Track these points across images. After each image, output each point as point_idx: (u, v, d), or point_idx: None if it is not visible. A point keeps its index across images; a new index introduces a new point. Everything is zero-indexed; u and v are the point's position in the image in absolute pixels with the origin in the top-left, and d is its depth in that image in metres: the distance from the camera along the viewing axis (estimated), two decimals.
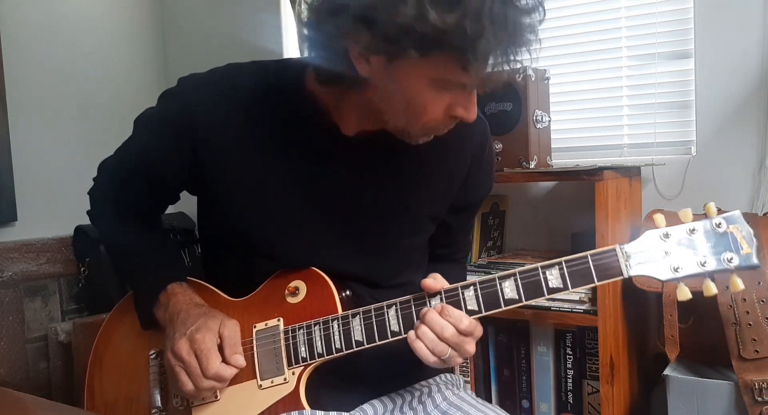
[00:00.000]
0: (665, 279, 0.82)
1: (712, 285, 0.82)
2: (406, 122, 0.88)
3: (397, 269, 1.06)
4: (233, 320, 0.96)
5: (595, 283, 0.84)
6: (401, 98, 0.84)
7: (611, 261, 0.84)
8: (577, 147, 1.81)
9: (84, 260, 1.96)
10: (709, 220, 0.82)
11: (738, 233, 0.81)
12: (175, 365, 0.92)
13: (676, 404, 1.34)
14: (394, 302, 0.91)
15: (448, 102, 0.85)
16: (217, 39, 2.32)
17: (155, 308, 1.01)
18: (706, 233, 0.82)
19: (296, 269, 0.99)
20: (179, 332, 0.93)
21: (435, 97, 0.84)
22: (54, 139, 2.04)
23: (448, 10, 0.73)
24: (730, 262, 0.80)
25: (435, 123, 0.87)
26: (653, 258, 0.83)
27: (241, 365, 0.93)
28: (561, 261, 0.86)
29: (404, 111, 0.86)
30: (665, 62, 1.69)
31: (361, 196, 0.99)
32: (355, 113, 0.93)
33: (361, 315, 0.92)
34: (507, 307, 0.87)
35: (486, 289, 0.88)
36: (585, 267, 0.84)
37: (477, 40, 0.74)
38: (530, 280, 0.86)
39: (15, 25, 1.94)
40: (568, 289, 0.85)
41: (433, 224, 1.08)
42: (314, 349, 0.93)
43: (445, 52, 0.76)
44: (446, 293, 0.90)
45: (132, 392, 1.06)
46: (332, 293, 0.96)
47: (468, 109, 0.86)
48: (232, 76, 0.98)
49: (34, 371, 1.84)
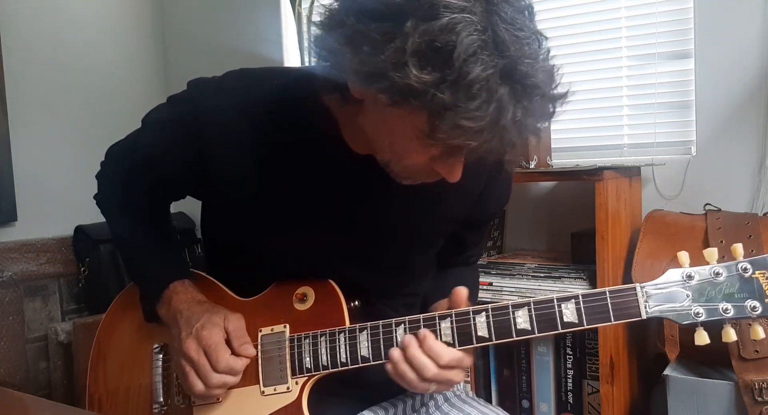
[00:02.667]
0: (685, 324, 0.80)
1: (732, 332, 0.80)
2: (389, 158, 0.81)
3: (406, 280, 1.04)
4: (237, 314, 0.96)
5: (612, 322, 0.81)
6: (386, 134, 0.79)
7: (630, 301, 0.81)
8: (577, 147, 1.81)
9: (84, 260, 1.97)
10: (735, 263, 0.79)
11: (764, 280, 0.78)
12: (185, 366, 0.91)
13: (676, 404, 1.34)
14: (402, 320, 0.89)
15: (432, 154, 0.76)
16: (217, 40, 2.31)
17: (157, 305, 1.01)
18: (731, 277, 0.79)
19: (305, 275, 0.98)
20: (185, 332, 0.93)
21: (417, 147, 0.75)
22: (54, 139, 2.04)
23: (430, 68, 0.66)
24: (753, 310, 0.78)
25: (417, 170, 0.80)
26: (673, 300, 0.80)
27: (251, 354, 0.93)
28: (578, 295, 0.82)
29: (388, 147, 0.80)
30: (665, 62, 1.69)
31: (369, 211, 0.95)
32: (360, 133, 0.86)
33: (369, 331, 0.90)
34: (518, 337, 0.84)
35: (498, 317, 0.85)
36: (602, 304, 0.81)
37: (446, 110, 0.66)
38: (544, 312, 0.83)
39: (15, 25, 1.94)
40: (584, 325, 0.82)
41: (444, 239, 1.05)
42: (319, 360, 0.92)
43: (415, 109, 0.69)
44: (456, 316, 0.86)
45: (134, 385, 1.05)
46: (340, 302, 0.95)
47: (450, 171, 0.79)
48: (244, 86, 0.95)
49: (34, 371, 1.84)
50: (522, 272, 1.55)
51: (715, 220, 1.42)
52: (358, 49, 0.70)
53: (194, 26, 2.39)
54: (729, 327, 0.80)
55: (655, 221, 1.49)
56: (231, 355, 0.91)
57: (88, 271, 1.96)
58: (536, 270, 1.53)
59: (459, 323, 0.86)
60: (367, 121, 0.81)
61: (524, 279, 1.54)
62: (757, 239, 1.32)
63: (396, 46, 0.66)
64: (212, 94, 0.94)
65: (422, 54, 0.66)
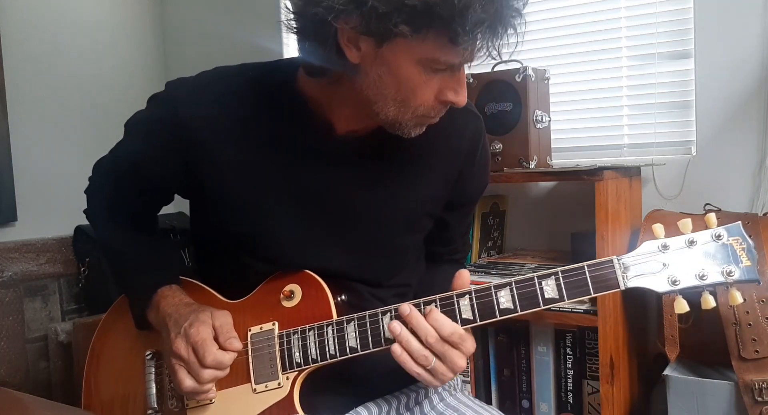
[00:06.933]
0: (663, 292, 0.81)
1: (710, 298, 0.81)
2: (396, 110, 0.86)
3: (393, 268, 1.05)
4: (223, 311, 0.97)
5: (591, 294, 0.84)
6: (391, 83, 0.84)
7: (608, 273, 0.83)
8: (577, 147, 1.81)
9: (84, 260, 1.96)
10: (709, 231, 0.81)
11: (738, 246, 0.80)
12: (175, 364, 0.92)
13: (676, 404, 1.34)
14: (388, 309, 0.90)
15: (438, 86, 0.85)
16: (217, 40, 2.32)
17: (147, 312, 1.02)
18: (706, 244, 0.81)
19: (291, 272, 0.99)
20: (174, 332, 0.94)
21: (425, 81, 0.83)
22: (54, 140, 2.04)
23: None
24: (729, 275, 0.79)
25: (426, 109, 0.87)
26: (651, 270, 0.82)
27: (237, 348, 0.93)
28: (557, 271, 0.85)
29: (394, 97, 0.85)
30: (665, 62, 1.69)
31: (353, 195, 0.98)
32: (347, 108, 0.92)
33: (356, 321, 0.92)
34: (502, 317, 0.86)
35: (481, 298, 0.87)
36: (581, 278, 0.84)
37: (465, 10, 0.74)
38: (526, 290, 0.86)
39: (15, 25, 1.94)
40: (564, 300, 0.84)
41: (429, 222, 1.07)
42: (308, 354, 0.93)
43: (435, 26, 0.76)
44: (441, 300, 0.88)
45: (128, 392, 1.06)
46: (327, 297, 0.96)
47: (458, 92, 0.86)
48: (220, 79, 0.98)
49: (34, 371, 1.84)
50: (522, 272, 1.55)
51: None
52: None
53: (194, 26, 2.39)
54: (708, 294, 0.81)
55: (655, 220, 1.49)
56: (218, 349, 0.92)
57: (88, 271, 1.96)
58: (536, 270, 1.52)
59: (444, 308, 0.88)
60: (366, 83, 0.85)
61: None
62: (757, 239, 1.32)
63: None
64: (188, 90, 0.97)
65: None
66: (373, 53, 0.81)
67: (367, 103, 0.87)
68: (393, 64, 0.82)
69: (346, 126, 0.95)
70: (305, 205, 0.98)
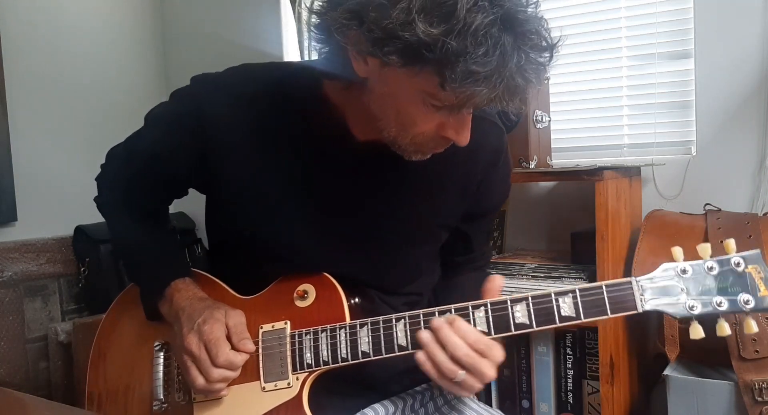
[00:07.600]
0: (679, 317, 0.81)
1: (725, 326, 0.81)
2: (396, 133, 0.84)
3: (407, 277, 1.04)
4: (238, 310, 0.96)
5: (608, 316, 0.82)
6: (392, 105, 0.82)
7: (626, 294, 0.82)
8: (577, 147, 1.81)
9: (84, 260, 1.96)
10: (727, 258, 0.81)
11: (756, 274, 0.79)
12: (187, 360, 0.92)
13: (676, 404, 1.34)
14: (402, 316, 0.89)
15: (439, 120, 0.81)
16: (217, 40, 2.32)
17: (159, 303, 1.02)
18: (724, 272, 0.80)
19: (306, 273, 0.98)
20: (187, 327, 0.93)
21: (425, 113, 0.80)
22: (54, 140, 2.04)
23: (436, 22, 0.70)
24: (746, 304, 0.79)
25: (425, 139, 0.84)
26: (668, 294, 0.81)
27: (249, 349, 0.93)
28: (575, 289, 0.83)
29: (395, 120, 0.83)
30: (665, 62, 1.69)
31: (369, 203, 0.97)
32: (362, 117, 0.90)
33: (369, 326, 0.91)
34: (517, 331, 0.85)
35: (497, 311, 0.85)
36: (599, 298, 0.82)
37: (457, 57, 0.70)
38: (542, 306, 0.84)
39: (15, 25, 1.93)
40: (581, 319, 0.83)
41: (444, 233, 1.05)
42: (320, 356, 0.92)
43: (426, 65, 0.73)
44: (456, 311, 0.87)
45: (134, 382, 1.05)
46: (341, 299, 0.95)
47: (459, 132, 0.82)
48: (245, 78, 0.97)
49: (34, 371, 1.84)
50: (522, 272, 1.55)
51: (715, 220, 1.42)
52: (365, 18, 0.74)
53: (194, 26, 2.39)
54: (723, 321, 0.81)
55: (655, 220, 1.49)
56: (231, 350, 0.92)
57: (88, 271, 1.96)
58: (536, 270, 1.53)
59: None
60: (372, 99, 0.84)
61: (524, 279, 1.54)
62: (757, 239, 1.32)
63: (402, 6, 0.71)
64: (215, 89, 0.96)
65: (428, 10, 0.70)
66: (379, 71, 0.79)
67: (373, 118, 0.86)
68: (394, 88, 0.80)
69: (364, 134, 0.93)
70: (321, 209, 0.97)
